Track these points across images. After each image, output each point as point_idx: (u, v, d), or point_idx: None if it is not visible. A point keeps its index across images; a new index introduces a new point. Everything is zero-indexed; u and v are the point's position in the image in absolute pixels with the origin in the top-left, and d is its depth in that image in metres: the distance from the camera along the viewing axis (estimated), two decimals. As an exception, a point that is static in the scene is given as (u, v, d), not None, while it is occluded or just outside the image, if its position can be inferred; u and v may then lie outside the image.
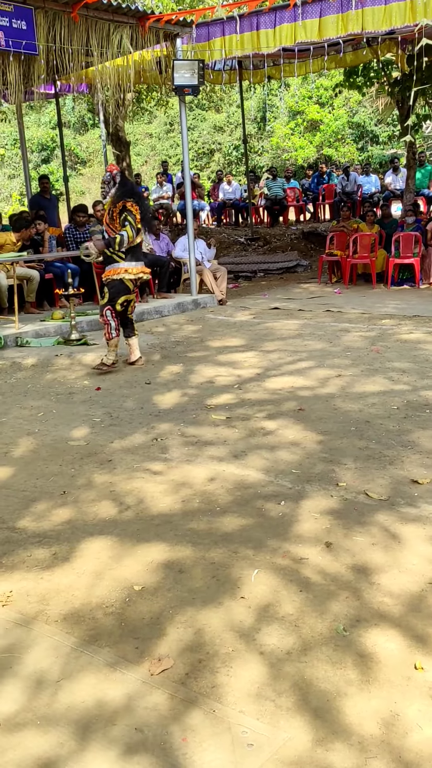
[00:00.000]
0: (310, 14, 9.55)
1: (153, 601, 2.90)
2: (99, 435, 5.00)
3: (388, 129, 24.91)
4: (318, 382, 6.02)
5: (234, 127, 27.43)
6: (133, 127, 27.31)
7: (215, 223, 18.25)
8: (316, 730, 2.18)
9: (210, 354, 7.34)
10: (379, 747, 2.11)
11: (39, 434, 5.08)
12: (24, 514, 3.79)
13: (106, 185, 6.78)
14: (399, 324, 8.38)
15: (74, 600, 2.93)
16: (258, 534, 3.41)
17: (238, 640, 2.62)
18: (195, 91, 10.05)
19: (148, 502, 3.86)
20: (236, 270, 13.67)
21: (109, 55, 9.43)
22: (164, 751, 2.12)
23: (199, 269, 10.62)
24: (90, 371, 6.89)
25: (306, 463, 4.28)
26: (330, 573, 3.04)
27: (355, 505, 3.69)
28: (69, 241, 10.58)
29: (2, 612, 2.88)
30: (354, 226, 12.23)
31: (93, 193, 25.78)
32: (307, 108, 25.76)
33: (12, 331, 8.35)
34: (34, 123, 27.91)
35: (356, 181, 17.19)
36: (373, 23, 9.19)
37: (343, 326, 8.38)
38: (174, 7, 12.80)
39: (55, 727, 2.24)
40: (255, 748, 2.11)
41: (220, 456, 4.46)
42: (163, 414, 5.41)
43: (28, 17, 8.49)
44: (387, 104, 18.71)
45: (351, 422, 4.96)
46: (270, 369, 6.56)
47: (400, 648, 2.54)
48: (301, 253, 14.86)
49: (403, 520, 3.49)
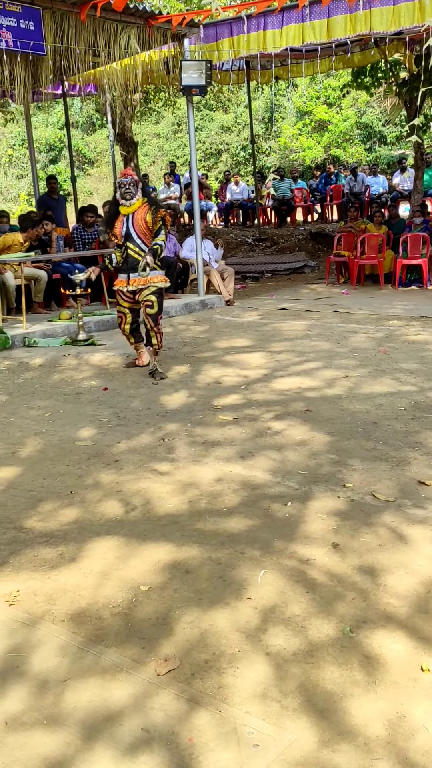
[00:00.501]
0: (318, 15, 9.55)
1: (159, 601, 2.90)
2: (106, 435, 5.01)
3: (395, 129, 24.84)
4: (325, 382, 6.01)
5: (242, 127, 27.42)
6: (141, 127, 27.33)
7: (223, 223, 18.26)
8: (322, 731, 2.18)
9: (217, 354, 7.34)
10: (385, 748, 2.10)
11: (46, 434, 5.09)
12: (31, 513, 3.80)
13: (133, 187, 6.54)
14: (407, 325, 8.37)
15: (81, 600, 2.94)
16: (265, 535, 3.41)
17: (245, 640, 2.62)
18: (202, 92, 10.05)
19: (155, 502, 3.86)
20: (243, 271, 13.67)
21: (117, 55, 9.45)
22: (170, 751, 2.12)
23: (206, 270, 10.62)
24: (123, 370, 6.87)
25: (313, 464, 4.28)
26: (337, 574, 3.04)
27: (362, 506, 3.68)
28: (77, 241, 10.60)
29: (9, 611, 2.89)
30: (362, 227, 12.22)
31: (101, 193, 25.82)
32: (314, 108, 25.73)
33: (20, 331, 8.37)
34: (42, 123, 27.96)
35: (364, 181, 17.17)
36: (382, 24, 9.18)
37: (350, 327, 8.37)
38: (181, 7, 12.79)
39: (62, 727, 2.24)
40: (261, 749, 2.11)
41: (227, 456, 4.47)
42: (170, 414, 5.41)
43: (36, 18, 8.51)
44: (395, 105, 18.67)
45: (358, 423, 4.95)
46: (277, 369, 6.56)
47: (407, 649, 2.54)
48: (309, 253, 14.86)
49: (410, 521, 3.48)
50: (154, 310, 6.57)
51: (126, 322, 6.82)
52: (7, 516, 3.78)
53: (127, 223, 6.62)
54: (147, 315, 6.57)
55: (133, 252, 6.58)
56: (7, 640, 2.70)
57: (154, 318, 6.57)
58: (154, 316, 6.56)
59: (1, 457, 4.68)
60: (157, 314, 6.60)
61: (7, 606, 2.93)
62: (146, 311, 6.57)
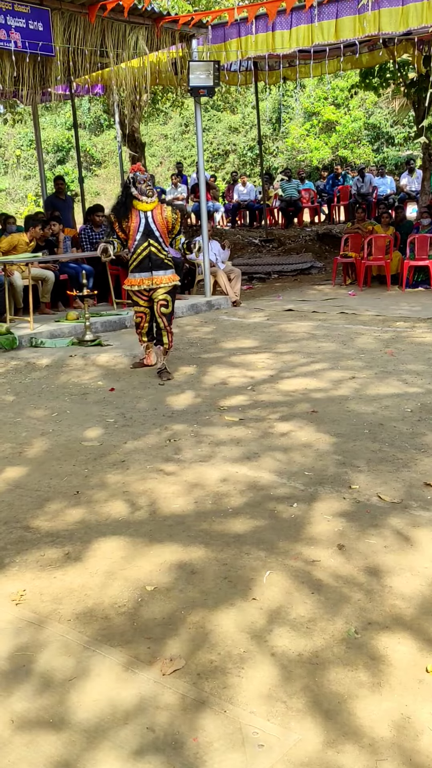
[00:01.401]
0: (326, 15, 9.55)
1: (165, 601, 2.91)
2: (112, 435, 5.02)
3: (403, 130, 24.80)
4: (331, 384, 6.01)
5: (249, 128, 27.42)
6: (148, 128, 27.36)
7: (230, 224, 18.26)
8: (327, 732, 2.18)
9: (223, 355, 7.35)
10: (390, 749, 2.11)
11: (53, 434, 5.11)
12: (37, 513, 3.81)
13: (150, 182, 6.46)
14: (413, 326, 8.36)
15: (87, 600, 2.95)
16: (270, 536, 3.42)
17: (250, 641, 2.63)
18: (210, 93, 10.06)
19: (161, 502, 3.87)
20: (250, 271, 13.67)
21: (125, 56, 9.47)
22: (175, 750, 2.13)
23: (213, 271, 10.63)
24: (130, 370, 6.87)
25: (319, 465, 4.28)
26: (342, 575, 3.04)
27: (368, 507, 3.68)
28: (84, 241, 10.62)
29: (16, 611, 2.90)
30: (369, 228, 12.20)
31: (108, 194, 25.85)
32: (322, 109, 25.71)
33: (27, 331, 8.40)
34: (50, 124, 28.03)
35: (371, 182, 17.15)
36: (390, 24, 9.17)
37: (357, 328, 8.36)
38: (189, 8, 12.80)
39: (68, 726, 2.25)
40: (266, 749, 2.12)
41: (233, 457, 4.47)
42: (177, 415, 5.42)
43: (45, 19, 8.54)
44: (403, 105, 18.67)
45: (364, 424, 4.95)
46: (283, 370, 6.56)
47: (412, 651, 2.54)
48: (316, 254, 14.85)
49: (416, 523, 3.48)
50: (168, 310, 6.57)
51: (146, 321, 6.73)
52: (13, 516, 3.80)
53: (146, 220, 6.43)
54: (161, 314, 6.54)
55: (155, 249, 6.44)
56: (13, 640, 2.71)
57: (168, 317, 6.57)
58: (168, 316, 6.57)
59: (8, 456, 4.70)
60: (171, 313, 6.60)
61: (13, 605, 2.94)
62: (161, 310, 6.53)
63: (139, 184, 6.41)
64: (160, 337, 6.65)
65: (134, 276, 6.57)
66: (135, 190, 6.40)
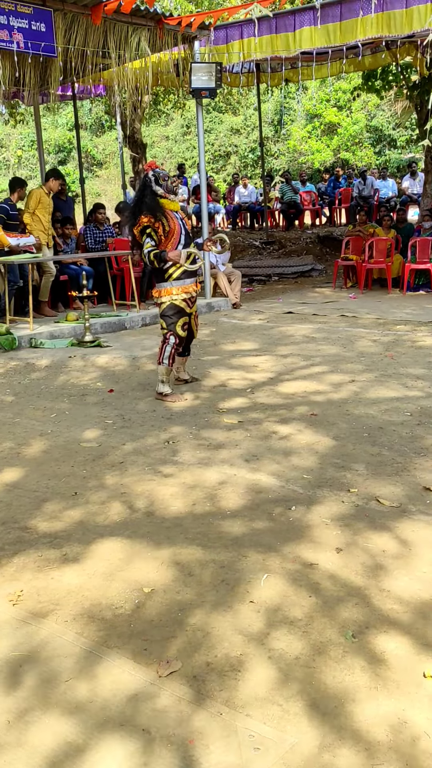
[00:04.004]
0: (330, 18, 9.56)
1: (162, 603, 2.90)
2: (111, 437, 5.02)
3: (406, 133, 24.82)
4: (331, 387, 6.01)
5: (251, 129, 27.44)
6: (150, 129, 27.38)
7: (230, 226, 18.26)
8: (324, 736, 2.17)
9: (223, 357, 7.35)
10: (387, 754, 2.10)
11: (51, 435, 5.10)
12: (35, 514, 3.81)
13: (171, 179, 6.08)
14: (414, 330, 8.36)
15: (84, 601, 2.94)
16: (268, 538, 3.41)
17: (247, 643, 2.62)
18: (212, 94, 10.08)
19: (159, 504, 3.86)
20: (251, 274, 13.68)
21: (127, 57, 9.48)
22: (171, 752, 2.12)
23: (213, 272, 10.64)
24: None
25: (318, 468, 4.28)
26: (340, 578, 3.03)
27: (367, 511, 3.68)
28: (88, 240, 10.62)
29: (13, 611, 2.89)
30: (370, 231, 12.20)
31: (109, 194, 25.87)
32: (324, 111, 25.72)
33: (26, 332, 8.40)
34: (51, 124, 28.05)
35: (373, 185, 17.16)
36: (394, 27, 9.18)
37: (357, 331, 8.36)
38: (192, 9, 12.81)
39: (63, 727, 2.25)
40: (261, 752, 2.11)
41: (231, 460, 4.47)
42: (176, 417, 5.42)
43: (47, 19, 8.55)
44: (405, 108, 18.65)
45: (364, 428, 4.95)
46: (283, 373, 6.55)
47: (409, 655, 2.53)
48: (317, 257, 14.86)
49: (415, 527, 3.48)
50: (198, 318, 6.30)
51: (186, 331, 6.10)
52: (11, 516, 3.79)
53: (180, 220, 5.84)
54: (196, 325, 6.25)
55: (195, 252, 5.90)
56: (10, 640, 2.71)
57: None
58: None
59: (7, 457, 4.70)
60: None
61: (10, 605, 2.93)
62: (197, 321, 6.27)
63: (164, 181, 5.76)
64: (189, 347, 6.31)
65: (183, 282, 5.87)
66: (160, 189, 5.70)
